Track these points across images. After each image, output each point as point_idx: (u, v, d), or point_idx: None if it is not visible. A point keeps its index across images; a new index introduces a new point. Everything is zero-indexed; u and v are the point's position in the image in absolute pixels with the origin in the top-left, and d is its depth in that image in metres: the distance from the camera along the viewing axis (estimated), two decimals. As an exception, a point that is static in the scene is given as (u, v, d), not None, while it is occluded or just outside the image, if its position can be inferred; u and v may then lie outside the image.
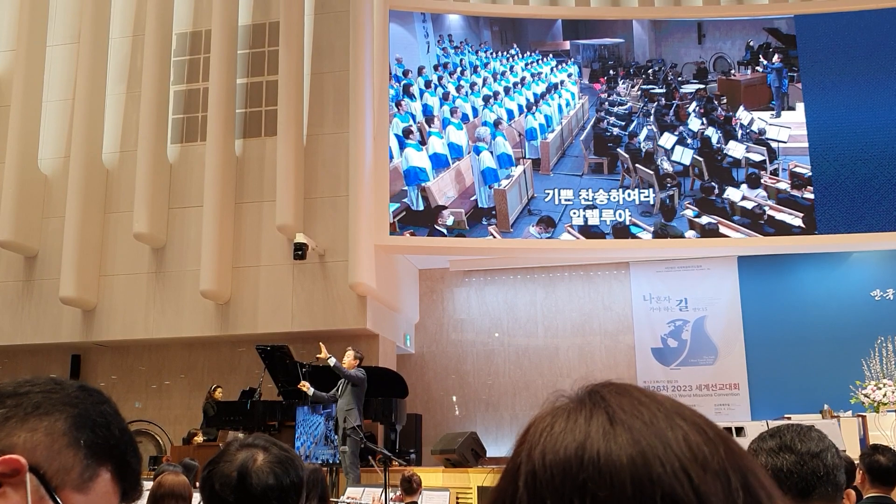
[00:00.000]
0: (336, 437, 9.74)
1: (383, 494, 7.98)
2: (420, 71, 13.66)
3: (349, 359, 9.75)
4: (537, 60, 13.94)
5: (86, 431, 0.91)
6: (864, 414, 10.68)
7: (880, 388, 10.88)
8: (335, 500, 8.13)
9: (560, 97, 13.80)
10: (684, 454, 0.58)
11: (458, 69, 13.80)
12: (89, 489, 0.90)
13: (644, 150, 13.47)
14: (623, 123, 13.63)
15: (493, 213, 13.15)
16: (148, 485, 8.49)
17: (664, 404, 0.62)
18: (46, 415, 0.90)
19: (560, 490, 0.57)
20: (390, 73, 13.39)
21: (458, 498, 9.59)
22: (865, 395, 10.93)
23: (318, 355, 9.97)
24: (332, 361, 9.66)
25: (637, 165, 13.36)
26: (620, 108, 13.72)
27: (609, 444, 0.58)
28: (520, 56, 13.94)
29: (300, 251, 11.99)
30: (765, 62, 13.71)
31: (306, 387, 9.75)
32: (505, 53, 13.94)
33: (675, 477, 0.56)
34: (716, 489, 0.57)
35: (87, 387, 0.96)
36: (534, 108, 13.70)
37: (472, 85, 13.76)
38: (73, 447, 0.90)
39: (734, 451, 0.60)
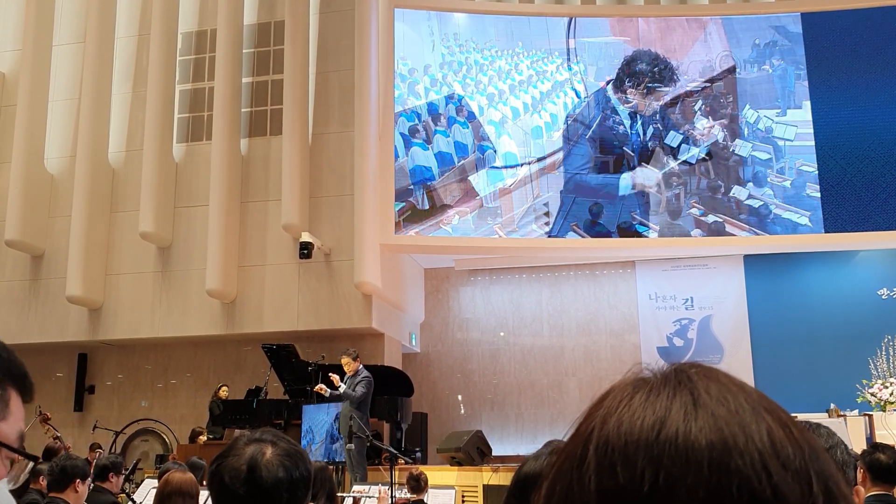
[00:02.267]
0: (341, 435, 9.73)
1: (390, 492, 7.98)
2: (426, 69, 13.66)
3: (350, 364, 9.69)
4: (543, 59, 13.92)
5: None
6: (870, 413, 10.65)
7: (887, 387, 10.85)
8: (341, 494, 8.14)
9: (566, 95, 13.78)
10: (766, 449, 0.56)
11: (464, 67, 13.79)
12: (9, 413, 0.93)
13: (650, 148, 13.45)
14: (629, 122, 13.61)
15: (499, 212, 13.15)
16: (154, 483, 8.50)
17: (751, 395, 0.60)
18: None
19: (633, 460, 0.56)
20: (394, 71, 13.39)
21: (463, 496, 9.59)
22: (872, 395, 10.90)
23: (325, 384, 9.87)
24: (342, 389, 9.59)
25: (643, 164, 13.34)
26: (626, 106, 13.69)
27: (689, 425, 0.56)
28: (525, 54, 13.92)
29: (306, 250, 12.00)
30: (771, 61, 13.67)
31: (323, 390, 9.72)
32: (510, 52, 13.92)
33: (754, 470, 0.54)
34: (794, 490, 0.55)
35: None
36: (539, 106, 13.69)
37: (478, 83, 13.75)
38: None
39: (818, 454, 0.58)
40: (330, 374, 9.81)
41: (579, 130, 13.53)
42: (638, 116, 13.60)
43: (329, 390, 9.72)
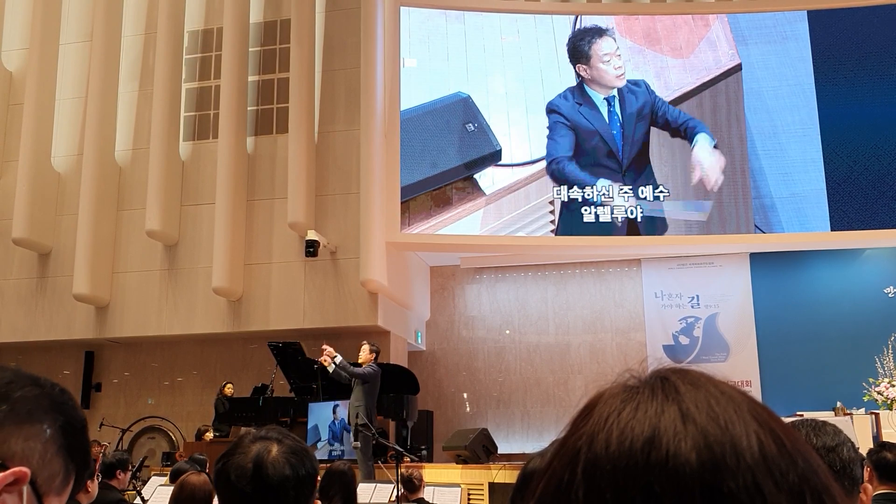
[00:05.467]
0: (344, 433, 9.72)
1: (394, 491, 8.00)
2: (431, 67, 13.64)
3: (365, 353, 9.63)
4: (549, 57, 13.88)
5: (69, 438, 0.94)
6: (877, 411, 10.63)
7: (894, 386, 10.83)
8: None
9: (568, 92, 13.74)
10: (759, 467, 0.54)
11: (470, 65, 13.77)
12: (65, 492, 0.94)
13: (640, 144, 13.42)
14: (606, 109, 13.47)
15: (504, 210, 13.14)
16: (161, 480, 8.50)
17: (740, 404, 0.58)
18: (39, 422, 0.92)
19: (623, 487, 0.54)
20: (400, 69, 13.38)
21: (469, 494, 9.60)
22: (879, 393, 10.88)
23: (323, 356, 9.56)
24: (337, 360, 9.38)
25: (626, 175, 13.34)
26: (594, 87, 13.55)
27: (679, 445, 0.55)
28: (531, 53, 13.89)
29: (312, 248, 12.01)
30: (777, 58, 13.58)
31: (327, 362, 9.37)
32: (516, 50, 13.87)
33: (747, 493, 0.53)
34: None
35: (64, 390, 0.99)
36: (545, 103, 13.67)
37: (484, 82, 13.72)
38: (60, 454, 0.92)
39: (812, 465, 0.57)
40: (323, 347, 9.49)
41: (558, 119, 13.42)
42: (614, 102, 13.42)
43: (333, 364, 9.37)
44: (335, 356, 9.33)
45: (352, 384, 9.50)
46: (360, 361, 9.64)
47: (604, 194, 13.16)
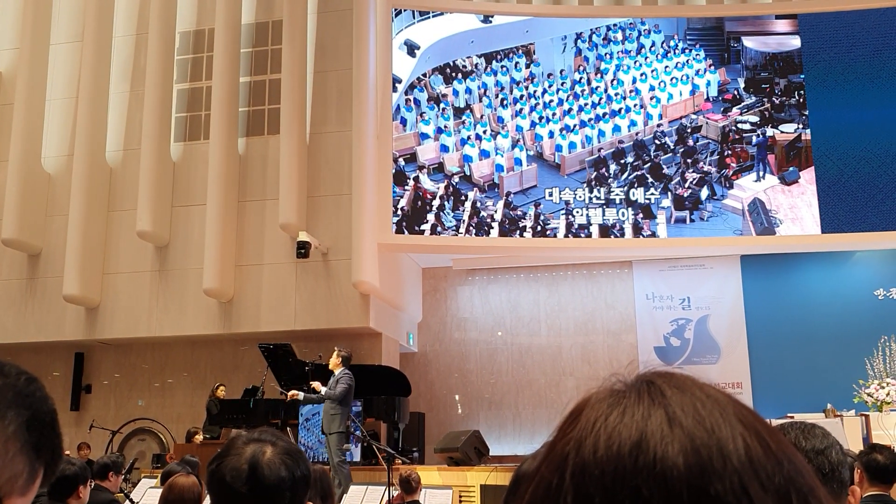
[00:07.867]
0: (324, 434, 9.63)
1: (386, 493, 7.98)
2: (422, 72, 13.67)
3: (334, 360, 9.56)
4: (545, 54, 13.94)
5: (36, 434, 0.86)
6: (867, 413, 10.67)
7: (883, 388, 10.87)
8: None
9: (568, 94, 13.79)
10: (745, 469, 0.55)
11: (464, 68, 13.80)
12: (30, 491, 0.86)
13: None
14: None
15: (496, 214, 13.16)
16: (151, 482, 8.45)
17: (725, 406, 0.59)
18: (0, 418, 0.84)
19: (611, 491, 0.54)
20: (391, 71, 13.39)
21: (460, 496, 9.59)
22: (869, 395, 10.92)
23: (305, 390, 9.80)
24: (323, 392, 9.45)
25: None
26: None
27: (666, 448, 0.55)
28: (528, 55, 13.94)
29: (303, 250, 11.99)
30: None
31: (296, 395, 9.59)
32: (509, 52, 13.92)
33: (734, 495, 0.54)
34: None
35: (32, 379, 0.91)
36: (542, 107, 13.71)
37: (480, 84, 13.76)
38: (24, 452, 0.85)
39: (797, 467, 0.58)
40: (312, 383, 9.69)
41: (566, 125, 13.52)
42: (628, 115, 13.58)
43: (303, 394, 9.61)
44: (297, 395, 9.46)
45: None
46: (329, 367, 9.62)
47: (597, 197, 13.19)
